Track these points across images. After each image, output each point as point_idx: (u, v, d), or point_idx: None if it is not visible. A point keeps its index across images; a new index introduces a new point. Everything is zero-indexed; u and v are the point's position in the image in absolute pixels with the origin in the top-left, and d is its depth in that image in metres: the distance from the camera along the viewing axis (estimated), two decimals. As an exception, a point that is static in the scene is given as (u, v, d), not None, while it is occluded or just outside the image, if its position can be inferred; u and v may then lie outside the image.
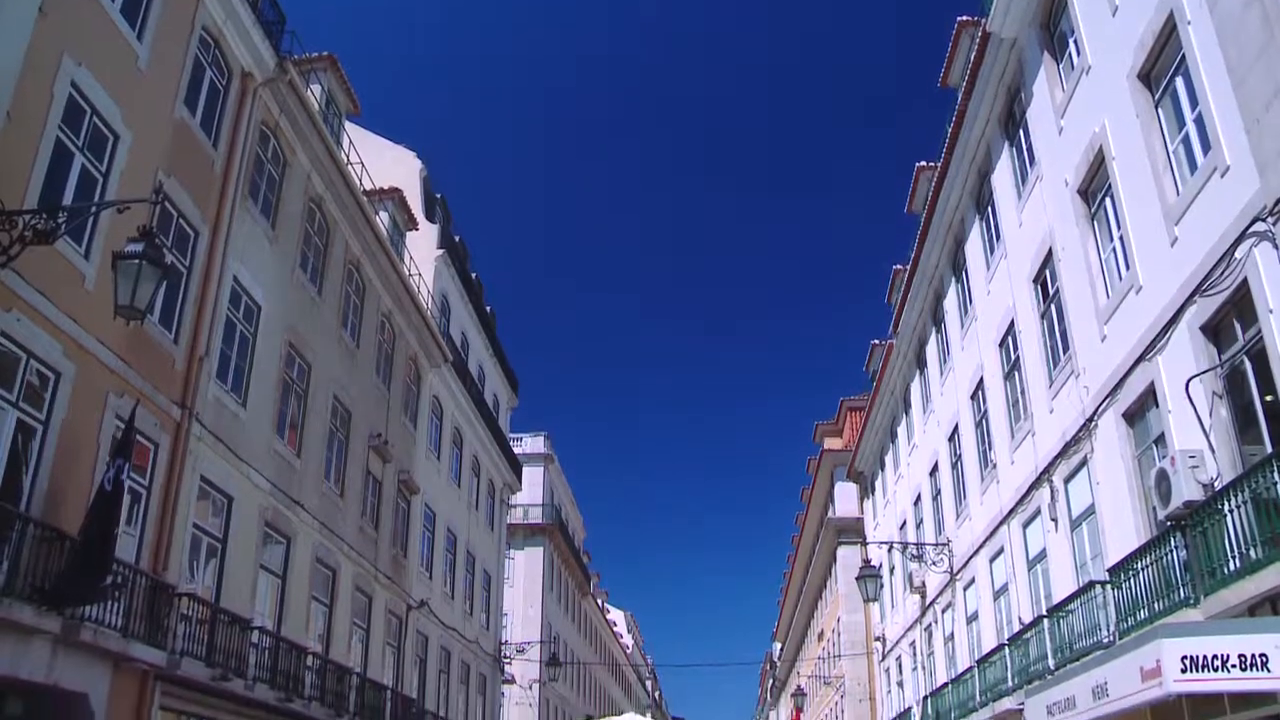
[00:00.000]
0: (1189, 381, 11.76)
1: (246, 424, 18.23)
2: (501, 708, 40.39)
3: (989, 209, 21.25)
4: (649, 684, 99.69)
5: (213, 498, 17.14)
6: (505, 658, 38.76)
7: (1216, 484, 11.15)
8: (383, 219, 27.37)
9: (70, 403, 12.98)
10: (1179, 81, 12.45)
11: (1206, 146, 11.63)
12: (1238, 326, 11.21)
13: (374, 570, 24.51)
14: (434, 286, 31.96)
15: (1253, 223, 10.45)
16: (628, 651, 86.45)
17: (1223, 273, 11.12)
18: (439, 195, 35.55)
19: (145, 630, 13.87)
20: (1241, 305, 10.98)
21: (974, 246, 22.41)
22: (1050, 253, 17.15)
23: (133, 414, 13.28)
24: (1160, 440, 13.15)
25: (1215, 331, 11.71)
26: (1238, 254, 10.78)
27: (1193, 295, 11.82)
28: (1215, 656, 8.98)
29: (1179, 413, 12.27)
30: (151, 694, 14.51)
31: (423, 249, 31.93)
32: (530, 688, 42.82)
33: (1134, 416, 14.15)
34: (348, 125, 26.81)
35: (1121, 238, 14.32)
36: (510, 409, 43.97)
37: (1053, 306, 17.38)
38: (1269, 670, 8.84)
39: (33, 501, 12.27)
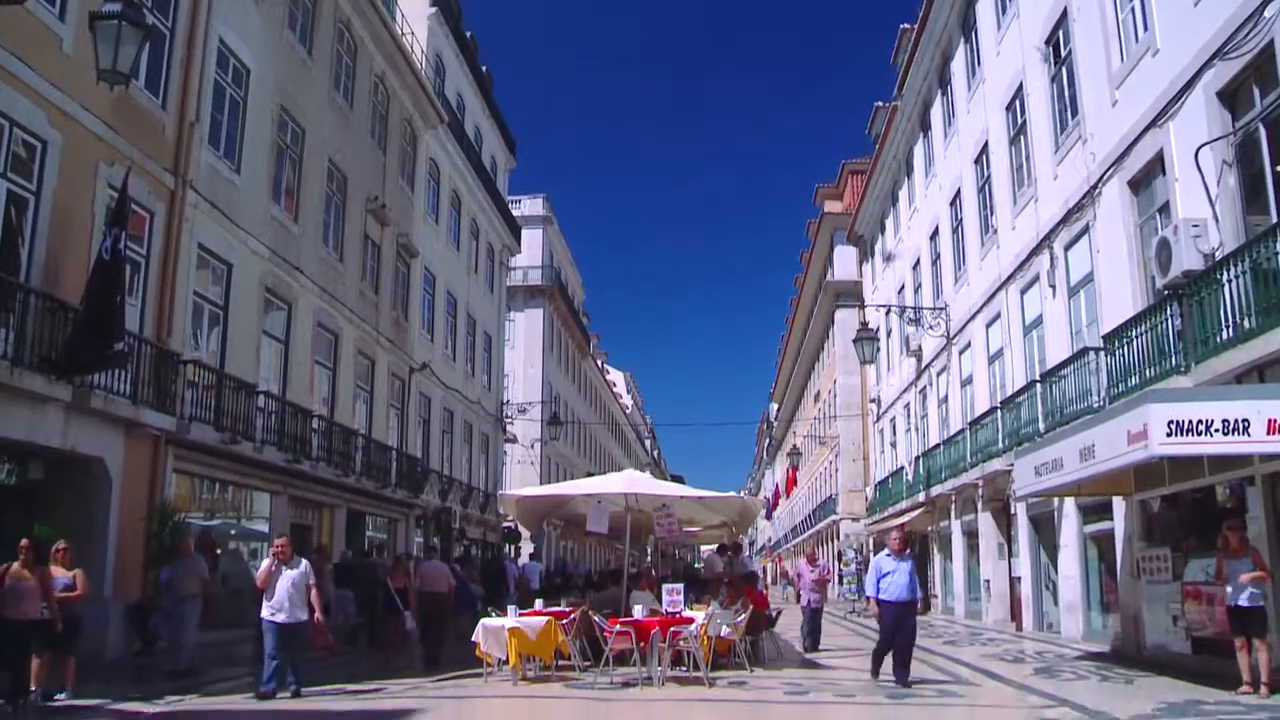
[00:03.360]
0: (1199, 149, 11.56)
1: (242, 190, 18.00)
2: (504, 466, 41.81)
3: (1004, -37, 20.29)
4: (648, 443, 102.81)
5: (212, 265, 17.12)
6: (507, 417, 39.83)
7: (1217, 254, 11.14)
8: (370, -27, 26.13)
9: (60, 172, 12.76)
10: None
11: (1241, -103, 10.98)
12: (1256, 92, 10.91)
13: (375, 334, 24.82)
14: (427, 46, 30.86)
15: (1284, -20, 10.00)
16: (627, 411, 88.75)
17: (1248, 34, 10.72)
18: (429, -53, 33.81)
19: (154, 397, 14.18)
20: (1263, 69, 10.65)
21: (985, 5, 21.53)
22: (1065, 12, 16.49)
23: (125, 182, 13.08)
24: (1164, 209, 13.05)
25: (1232, 97, 11.40)
26: (1266, 13, 10.36)
27: (1212, 59, 11.45)
28: (1200, 421, 9.23)
29: (1186, 181, 12.12)
30: (164, 457, 14.98)
31: (415, 6, 30.63)
32: (532, 446, 44.13)
33: (1139, 184, 13.98)
34: None
35: (1142, -5, 13.74)
36: (508, 171, 43.38)
37: (1064, 70, 16.86)
38: (1249, 435, 9.11)
39: (31, 273, 12.26)
